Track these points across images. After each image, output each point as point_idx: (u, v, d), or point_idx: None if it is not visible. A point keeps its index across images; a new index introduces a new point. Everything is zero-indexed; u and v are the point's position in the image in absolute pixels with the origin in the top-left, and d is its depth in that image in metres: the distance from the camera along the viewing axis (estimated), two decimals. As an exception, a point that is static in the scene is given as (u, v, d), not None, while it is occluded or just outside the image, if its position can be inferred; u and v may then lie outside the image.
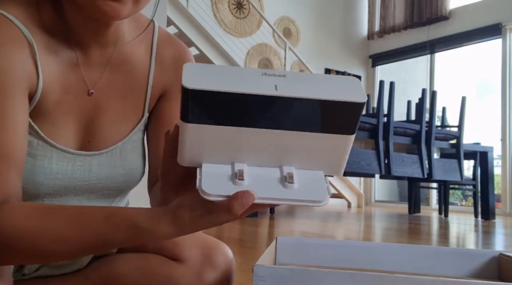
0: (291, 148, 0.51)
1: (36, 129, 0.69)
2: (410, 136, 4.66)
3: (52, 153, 0.71)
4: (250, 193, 0.49)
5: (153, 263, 0.82)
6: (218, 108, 0.47)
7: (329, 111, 0.48)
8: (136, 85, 0.77)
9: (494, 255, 0.91)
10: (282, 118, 0.48)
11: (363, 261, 0.93)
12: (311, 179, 0.53)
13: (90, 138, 0.75)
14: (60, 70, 0.69)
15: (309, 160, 0.53)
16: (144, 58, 0.78)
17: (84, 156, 0.74)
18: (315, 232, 2.89)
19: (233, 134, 0.49)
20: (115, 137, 0.76)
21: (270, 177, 0.52)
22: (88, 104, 0.73)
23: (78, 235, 0.55)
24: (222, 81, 0.47)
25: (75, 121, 0.73)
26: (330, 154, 0.53)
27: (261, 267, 0.61)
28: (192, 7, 5.91)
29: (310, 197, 0.51)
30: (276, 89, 0.47)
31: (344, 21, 8.33)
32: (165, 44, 0.81)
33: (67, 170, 0.72)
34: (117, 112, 0.76)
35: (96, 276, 0.82)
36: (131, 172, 0.79)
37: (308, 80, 0.50)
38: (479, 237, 3.15)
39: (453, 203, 7.22)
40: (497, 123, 6.61)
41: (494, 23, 6.70)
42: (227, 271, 0.84)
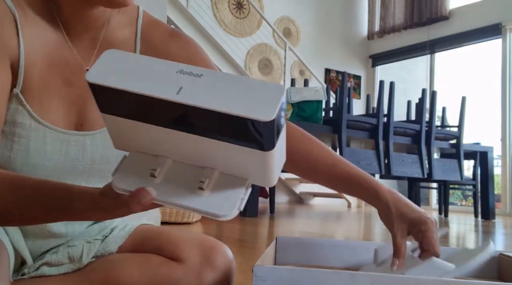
0: (209, 152, 0.49)
1: (28, 108, 0.69)
2: (410, 136, 4.66)
3: (45, 133, 0.71)
4: (147, 193, 0.48)
5: (153, 263, 0.81)
6: (118, 102, 0.46)
7: (230, 124, 0.44)
8: None
9: (494, 255, 0.91)
10: (185, 122, 0.46)
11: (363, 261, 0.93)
12: (227, 188, 0.50)
13: (82, 121, 0.75)
14: (46, 49, 0.71)
15: (233, 167, 0.50)
16: (130, 41, 0.80)
17: (77, 136, 0.74)
18: (315, 232, 2.89)
19: (145, 129, 0.48)
20: None
21: (185, 178, 0.50)
22: (78, 88, 0.74)
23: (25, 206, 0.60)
24: (126, 76, 0.46)
25: (68, 103, 0.74)
26: (253, 166, 0.49)
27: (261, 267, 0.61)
28: (192, 7, 5.91)
29: (212, 209, 0.48)
30: (177, 93, 0.44)
31: (344, 21, 8.33)
32: (150, 26, 0.83)
33: (61, 150, 0.73)
34: None
35: (96, 276, 0.81)
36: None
37: (223, 85, 0.45)
38: (479, 237, 3.15)
39: (453, 203, 7.22)
40: (497, 123, 6.61)
41: (494, 23, 6.70)
42: (227, 272, 0.84)
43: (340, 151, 4.16)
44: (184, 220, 2.99)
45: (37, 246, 0.81)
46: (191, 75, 0.46)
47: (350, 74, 8.23)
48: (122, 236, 0.86)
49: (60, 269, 0.81)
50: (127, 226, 0.89)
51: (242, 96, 0.44)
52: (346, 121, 4.16)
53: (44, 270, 0.80)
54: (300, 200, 7.52)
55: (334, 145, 4.86)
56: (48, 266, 0.81)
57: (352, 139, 4.47)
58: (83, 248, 0.82)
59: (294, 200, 7.50)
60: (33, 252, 0.82)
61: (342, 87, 4.17)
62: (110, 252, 0.84)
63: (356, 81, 8.39)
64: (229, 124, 0.44)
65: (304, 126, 3.94)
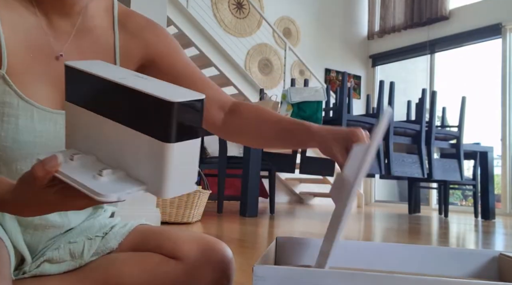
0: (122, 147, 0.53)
1: (15, 88, 0.72)
2: (410, 136, 4.66)
3: (32, 112, 0.73)
4: (54, 158, 0.52)
5: (153, 262, 0.82)
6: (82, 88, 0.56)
7: (143, 106, 0.49)
8: (104, 53, 0.82)
9: (495, 255, 0.90)
10: (114, 107, 0.52)
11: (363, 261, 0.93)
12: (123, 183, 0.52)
13: None
14: (25, 33, 0.74)
15: (137, 170, 0.52)
16: (108, 28, 0.84)
17: (63, 115, 0.75)
18: (315, 232, 2.89)
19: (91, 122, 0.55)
20: None
21: (94, 168, 0.54)
22: (60, 68, 0.76)
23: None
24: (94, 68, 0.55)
25: (50, 84, 0.76)
26: (151, 164, 0.50)
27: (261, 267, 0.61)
28: (192, 7, 5.91)
29: (96, 189, 0.50)
30: (119, 79, 0.52)
31: (344, 21, 8.33)
32: (126, 15, 0.87)
33: (49, 129, 0.75)
34: None
35: (96, 274, 0.82)
36: None
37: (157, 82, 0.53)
38: (479, 237, 3.15)
39: (453, 203, 7.22)
40: (497, 123, 6.61)
41: (494, 23, 6.70)
42: (226, 270, 0.84)
43: (340, 151, 4.16)
44: (184, 220, 2.99)
45: (36, 238, 0.81)
46: (139, 76, 0.55)
47: (350, 74, 8.23)
48: (122, 233, 0.87)
49: (61, 266, 0.82)
50: (127, 224, 0.90)
51: (164, 89, 0.50)
52: (346, 121, 4.16)
53: (45, 268, 0.81)
54: (300, 200, 7.52)
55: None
56: (50, 263, 0.81)
57: (352, 139, 4.47)
58: (84, 244, 0.83)
59: (294, 200, 7.50)
60: (33, 246, 0.82)
61: (342, 87, 4.17)
62: (111, 249, 0.85)
63: (356, 81, 8.39)
64: (140, 106, 0.50)
65: (304, 126, 3.94)
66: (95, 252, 0.84)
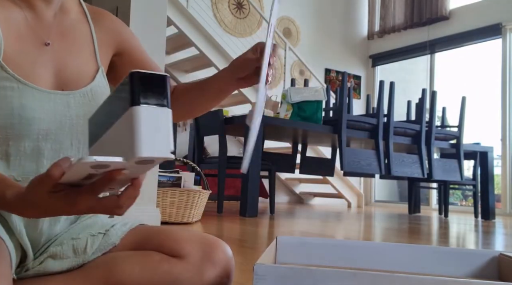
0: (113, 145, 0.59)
1: (12, 73, 0.77)
2: (410, 136, 4.66)
3: (33, 93, 0.79)
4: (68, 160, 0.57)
5: (154, 260, 0.83)
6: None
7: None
8: (84, 40, 0.91)
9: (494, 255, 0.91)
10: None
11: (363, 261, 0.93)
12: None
13: (64, 85, 0.84)
14: (16, 26, 0.80)
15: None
16: (82, 20, 0.92)
17: (60, 95, 0.83)
18: (315, 232, 2.89)
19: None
20: (83, 81, 0.87)
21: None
22: (50, 54, 0.84)
23: None
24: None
25: (43, 68, 0.82)
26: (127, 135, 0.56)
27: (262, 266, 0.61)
28: (192, 7, 5.91)
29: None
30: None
31: (344, 21, 8.33)
32: (94, 10, 0.96)
33: (49, 106, 0.81)
34: (77, 62, 0.87)
35: (98, 272, 0.82)
36: None
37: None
38: (479, 237, 3.15)
39: (453, 203, 7.22)
40: (497, 123, 6.61)
41: (494, 23, 6.70)
42: (227, 268, 0.85)
43: (340, 151, 4.16)
44: (184, 220, 2.99)
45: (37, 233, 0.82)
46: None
47: (350, 74, 8.23)
48: (124, 231, 0.89)
49: (64, 263, 0.82)
50: (127, 223, 0.91)
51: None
52: (346, 121, 4.16)
53: (48, 264, 0.81)
54: (300, 200, 7.52)
55: (334, 145, 4.86)
56: (53, 259, 0.82)
57: (352, 139, 4.47)
58: (87, 240, 0.85)
59: (294, 200, 7.50)
60: (36, 240, 0.83)
61: (342, 87, 4.17)
62: (113, 244, 0.86)
63: (356, 81, 8.39)
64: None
65: (304, 126, 3.95)
66: (98, 249, 0.85)
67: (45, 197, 0.60)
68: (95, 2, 2.99)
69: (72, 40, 0.88)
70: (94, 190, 0.59)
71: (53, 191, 0.59)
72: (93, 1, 3.01)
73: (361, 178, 7.29)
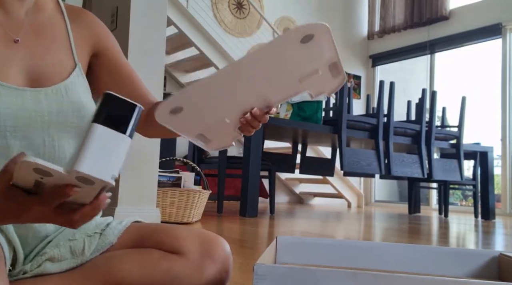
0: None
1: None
2: (410, 136, 4.66)
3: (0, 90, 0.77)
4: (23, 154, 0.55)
5: (153, 257, 0.83)
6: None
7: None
8: (59, 38, 0.89)
9: (495, 255, 0.91)
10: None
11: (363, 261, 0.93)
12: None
13: (34, 83, 0.82)
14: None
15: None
16: (59, 18, 0.91)
17: (30, 92, 0.81)
18: (315, 232, 2.89)
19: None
20: (57, 79, 0.85)
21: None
22: (21, 51, 0.82)
23: None
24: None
25: (14, 66, 0.80)
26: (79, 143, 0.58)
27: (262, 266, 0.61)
28: (192, 7, 5.91)
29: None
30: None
31: (344, 21, 8.33)
32: (74, 9, 0.95)
33: (17, 101, 0.78)
34: (51, 59, 0.85)
35: (97, 272, 0.82)
36: (84, 109, 0.85)
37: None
38: (479, 237, 3.15)
39: (453, 203, 7.22)
40: (497, 123, 6.61)
41: (494, 23, 6.70)
42: (226, 264, 0.85)
43: (340, 151, 4.16)
44: (184, 220, 2.99)
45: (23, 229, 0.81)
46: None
47: (350, 74, 8.23)
48: (120, 229, 0.88)
49: (62, 264, 0.82)
50: (122, 221, 0.91)
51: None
52: (346, 121, 4.16)
53: (46, 267, 0.81)
54: (300, 200, 7.52)
55: (334, 145, 4.86)
56: (51, 261, 0.81)
57: (352, 139, 4.47)
58: (84, 241, 0.84)
59: (294, 200, 7.50)
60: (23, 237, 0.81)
61: (342, 87, 4.17)
62: (110, 244, 0.86)
63: (356, 81, 8.39)
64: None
65: (304, 126, 3.95)
66: (96, 249, 0.85)
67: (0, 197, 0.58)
68: (95, 2, 2.99)
69: (45, 37, 0.87)
70: (45, 199, 0.57)
71: (8, 192, 0.57)
72: (93, 1, 3.01)
73: (361, 178, 7.29)
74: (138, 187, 2.63)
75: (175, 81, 6.73)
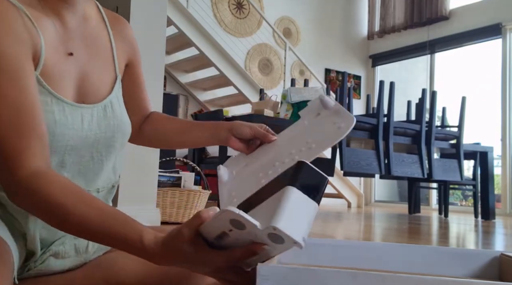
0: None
1: (47, 87, 0.76)
2: (410, 136, 4.66)
3: (64, 107, 0.78)
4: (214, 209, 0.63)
5: None
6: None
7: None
8: (103, 50, 0.89)
9: (495, 255, 0.91)
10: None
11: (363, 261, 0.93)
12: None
13: (84, 97, 0.82)
14: (49, 35, 0.77)
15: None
16: (102, 28, 0.90)
17: (86, 109, 0.81)
18: (315, 232, 2.89)
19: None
20: (102, 93, 0.85)
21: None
22: (73, 64, 0.81)
23: (99, 228, 0.65)
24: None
25: (70, 80, 0.80)
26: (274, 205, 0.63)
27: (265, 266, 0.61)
28: (192, 7, 5.91)
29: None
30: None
31: (344, 21, 8.33)
32: (115, 18, 0.94)
33: (78, 121, 0.79)
34: (98, 72, 0.85)
35: (98, 272, 0.82)
36: (123, 124, 0.87)
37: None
38: (479, 237, 3.15)
39: (453, 203, 7.22)
40: (497, 123, 6.61)
41: (494, 23, 6.70)
42: None
43: (340, 151, 4.16)
44: (184, 220, 2.99)
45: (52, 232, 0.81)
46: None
47: (350, 74, 8.23)
48: None
49: (65, 262, 0.82)
50: None
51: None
52: (346, 121, 4.15)
53: (50, 263, 0.81)
54: (300, 200, 7.51)
55: (334, 145, 4.86)
56: (55, 258, 0.82)
57: (352, 139, 4.47)
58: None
59: (294, 200, 7.49)
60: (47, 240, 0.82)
61: (342, 87, 4.17)
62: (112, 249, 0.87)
63: (356, 81, 8.39)
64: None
65: (304, 126, 3.95)
66: (99, 247, 0.86)
67: (184, 244, 0.61)
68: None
69: (92, 49, 0.86)
70: (233, 254, 0.60)
71: (196, 239, 0.61)
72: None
73: (361, 178, 7.29)
74: (138, 187, 2.63)
75: (175, 81, 6.73)
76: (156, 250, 0.63)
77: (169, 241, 0.62)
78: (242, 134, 0.93)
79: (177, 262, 0.63)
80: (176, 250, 0.62)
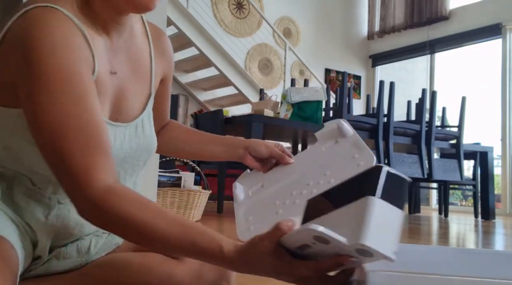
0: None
1: None
2: (410, 136, 4.66)
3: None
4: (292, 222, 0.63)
5: (155, 261, 0.83)
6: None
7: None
8: (143, 67, 0.87)
9: (495, 255, 0.90)
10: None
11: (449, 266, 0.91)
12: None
13: (117, 115, 0.81)
14: (97, 53, 0.76)
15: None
16: (145, 48, 0.88)
17: (119, 127, 0.81)
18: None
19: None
20: (136, 111, 0.85)
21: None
22: (114, 83, 0.80)
23: (179, 242, 0.65)
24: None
25: (107, 98, 0.79)
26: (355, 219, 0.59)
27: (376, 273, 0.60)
28: (192, 7, 5.91)
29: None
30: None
31: (344, 21, 8.33)
32: (158, 34, 0.92)
33: (114, 140, 0.79)
34: (134, 90, 0.84)
35: (99, 273, 0.82)
36: (151, 142, 0.87)
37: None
38: (479, 237, 3.15)
39: (453, 203, 7.22)
40: (497, 123, 6.61)
41: (494, 23, 6.70)
42: (226, 274, 0.85)
43: (340, 151, 4.15)
44: (184, 220, 2.99)
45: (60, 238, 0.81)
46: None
47: (350, 74, 8.23)
48: None
49: (67, 263, 0.82)
50: None
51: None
52: (346, 121, 4.16)
53: (52, 264, 0.81)
54: (300, 200, 7.52)
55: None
56: (57, 259, 0.81)
57: (352, 139, 4.47)
58: (91, 240, 0.84)
59: (294, 200, 7.50)
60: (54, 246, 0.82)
61: (342, 87, 4.17)
62: (117, 244, 0.87)
63: (356, 81, 8.39)
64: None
65: (304, 126, 3.95)
66: (101, 249, 0.86)
67: (266, 255, 0.60)
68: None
69: (134, 67, 0.85)
70: (318, 268, 0.59)
71: (277, 250, 0.60)
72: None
73: (361, 178, 7.27)
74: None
75: (175, 81, 6.74)
76: (236, 258, 0.63)
77: (249, 250, 0.62)
78: (258, 154, 0.95)
79: (258, 271, 0.63)
80: (257, 259, 0.61)
